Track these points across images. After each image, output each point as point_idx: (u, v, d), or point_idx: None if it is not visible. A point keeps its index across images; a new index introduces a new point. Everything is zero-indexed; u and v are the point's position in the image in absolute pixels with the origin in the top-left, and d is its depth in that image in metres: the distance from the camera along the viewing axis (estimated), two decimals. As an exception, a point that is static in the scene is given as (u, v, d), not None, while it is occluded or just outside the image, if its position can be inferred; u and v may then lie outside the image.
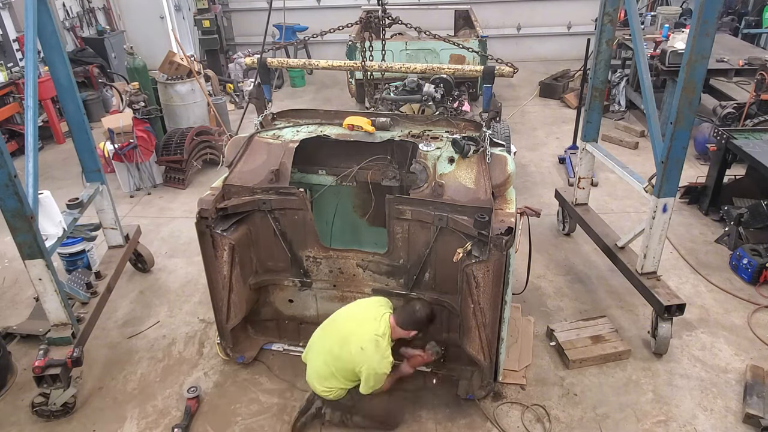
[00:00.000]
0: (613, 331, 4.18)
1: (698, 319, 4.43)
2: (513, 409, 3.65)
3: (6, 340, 4.23)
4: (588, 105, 4.92)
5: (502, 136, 5.71)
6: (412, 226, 3.47)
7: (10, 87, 7.72)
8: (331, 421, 3.49)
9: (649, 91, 3.95)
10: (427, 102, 5.59)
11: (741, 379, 3.83)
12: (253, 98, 4.06)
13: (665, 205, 3.86)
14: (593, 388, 3.81)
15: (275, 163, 3.64)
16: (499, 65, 3.72)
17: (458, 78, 6.30)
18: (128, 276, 5.10)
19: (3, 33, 8.21)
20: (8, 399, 3.84)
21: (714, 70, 7.08)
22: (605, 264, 4.93)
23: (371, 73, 4.91)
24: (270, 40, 10.73)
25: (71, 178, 7.12)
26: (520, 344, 4.13)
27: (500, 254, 3.14)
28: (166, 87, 7.43)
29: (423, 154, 3.53)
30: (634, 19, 4.06)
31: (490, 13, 11.77)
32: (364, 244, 4.52)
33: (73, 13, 10.32)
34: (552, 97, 9.78)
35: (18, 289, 5.03)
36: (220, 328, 3.94)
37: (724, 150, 5.61)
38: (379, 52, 5.00)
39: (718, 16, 3.26)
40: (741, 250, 4.90)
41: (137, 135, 6.51)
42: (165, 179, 6.99)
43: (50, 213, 3.75)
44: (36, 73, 3.46)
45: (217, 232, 3.57)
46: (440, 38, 4.30)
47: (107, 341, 4.35)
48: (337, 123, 3.91)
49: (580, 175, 5.12)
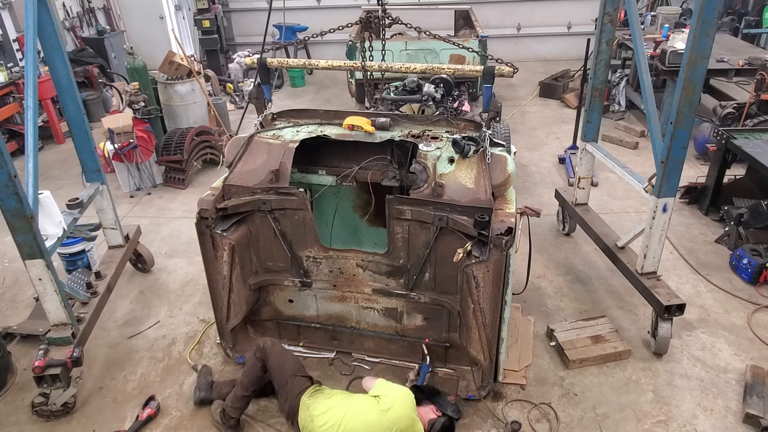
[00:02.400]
0: (613, 331, 4.18)
1: (698, 319, 4.43)
2: (513, 409, 3.65)
3: (6, 340, 4.24)
4: (588, 105, 4.92)
5: (502, 136, 5.71)
6: (412, 226, 3.47)
7: (10, 87, 7.71)
8: None
9: (649, 91, 3.95)
10: (427, 102, 5.60)
11: (741, 379, 3.83)
12: (253, 98, 4.06)
13: (665, 205, 3.86)
14: (593, 388, 3.81)
15: (275, 163, 3.64)
16: (499, 65, 3.72)
17: (458, 78, 6.30)
18: (128, 276, 5.10)
19: (3, 33, 8.21)
20: (8, 399, 3.84)
21: (714, 70, 7.08)
22: (605, 264, 4.93)
23: (371, 73, 4.91)
24: (270, 40, 10.74)
25: (71, 178, 7.12)
26: (520, 344, 4.14)
27: (500, 254, 3.14)
28: (166, 87, 7.43)
29: (423, 154, 3.53)
30: (634, 19, 4.06)
31: (490, 13, 11.77)
32: (364, 244, 4.52)
33: (73, 13, 10.32)
34: (552, 97, 9.78)
35: (18, 289, 5.03)
36: (220, 328, 3.95)
37: (724, 150, 5.61)
38: (379, 52, 5.00)
39: (718, 16, 3.26)
40: (741, 250, 4.90)
41: (137, 135, 6.51)
42: (165, 179, 6.99)
43: (50, 213, 3.75)
44: (36, 73, 3.46)
45: (217, 232, 3.57)
46: (440, 38, 4.30)
47: (107, 341, 4.35)
48: (337, 123, 3.91)
49: (580, 175, 5.12)
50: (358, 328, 3.99)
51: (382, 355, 4.05)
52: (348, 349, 4.09)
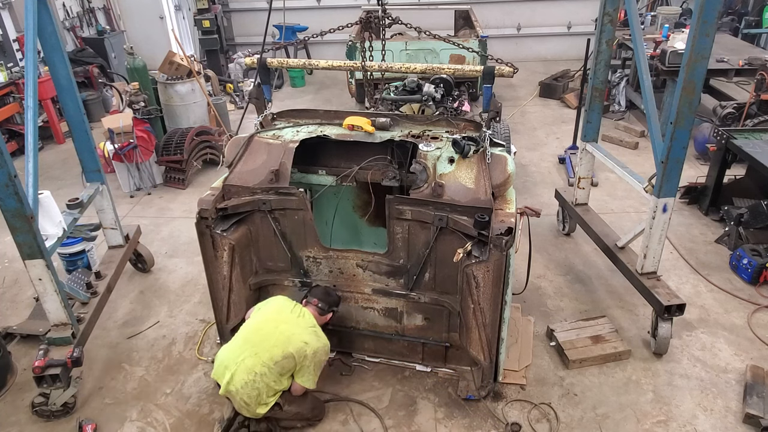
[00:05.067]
0: (613, 331, 4.18)
1: (698, 319, 4.43)
2: (513, 409, 3.65)
3: (6, 340, 4.24)
4: (588, 105, 4.92)
5: (502, 136, 5.71)
6: (412, 226, 3.47)
7: (10, 87, 7.71)
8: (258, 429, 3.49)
9: (649, 91, 3.95)
10: (427, 102, 5.59)
11: (741, 379, 3.83)
12: (253, 98, 4.06)
13: (665, 205, 3.86)
14: (593, 388, 3.81)
15: (275, 163, 3.64)
16: (499, 65, 3.73)
17: (458, 78, 6.30)
18: (128, 276, 5.10)
19: (3, 33, 8.21)
20: (8, 399, 3.84)
21: (714, 70, 7.08)
22: (605, 264, 4.93)
23: (371, 73, 4.91)
24: (270, 40, 10.73)
25: (71, 178, 7.12)
26: (520, 344, 4.13)
27: (500, 254, 3.14)
28: (166, 87, 7.43)
29: (423, 154, 3.53)
30: (634, 19, 4.06)
31: (490, 13, 11.77)
32: (364, 244, 4.52)
33: (73, 13, 10.32)
34: (552, 97, 9.78)
35: (18, 289, 5.03)
36: (220, 328, 3.94)
37: (724, 150, 5.61)
38: (379, 52, 5.01)
39: (718, 16, 3.26)
40: (741, 250, 4.90)
41: (137, 135, 6.51)
42: (165, 179, 6.99)
43: (50, 213, 3.75)
44: (36, 73, 3.46)
45: (217, 232, 3.56)
46: (440, 38, 4.30)
47: (107, 341, 4.35)
48: (337, 123, 3.91)
49: (580, 175, 5.12)
50: (358, 328, 3.99)
51: (382, 355, 4.04)
52: (348, 349, 4.09)
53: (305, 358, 3.26)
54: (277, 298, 3.61)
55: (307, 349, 3.26)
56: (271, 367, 3.21)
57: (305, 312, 3.47)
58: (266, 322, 3.42)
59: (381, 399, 3.74)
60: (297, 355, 3.24)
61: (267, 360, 3.21)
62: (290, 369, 3.28)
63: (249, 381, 3.19)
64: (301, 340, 3.28)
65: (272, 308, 3.51)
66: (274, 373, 3.23)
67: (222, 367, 3.29)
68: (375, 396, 3.77)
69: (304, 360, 3.27)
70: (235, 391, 3.20)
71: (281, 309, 3.47)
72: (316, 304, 3.54)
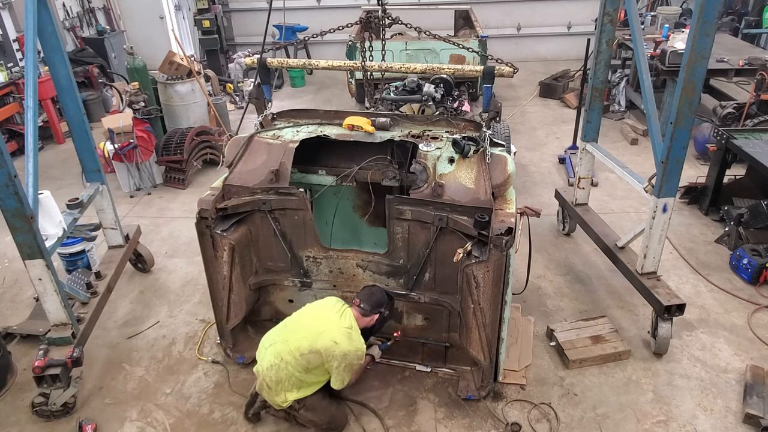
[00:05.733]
0: (613, 331, 4.18)
1: (698, 319, 4.43)
2: (513, 409, 3.65)
3: (6, 340, 4.24)
4: (588, 105, 4.92)
5: (502, 136, 5.71)
6: (412, 226, 3.47)
7: (10, 87, 7.72)
8: (276, 415, 3.59)
9: (649, 91, 3.95)
10: (427, 102, 5.60)
11: (741, 379, 3.83)
12: (253, 98, 4.06)
13: (665, 205, 3.86)
14: (593, 388, 3.81)
15: (275, 163, 3.64)
16: (499, 65, 3.73)
17: (458, 78, 6.30)
18: (128, 276, 5.10)
19: (3, 33, 8.21)
20: (8, 399, 3.84)
21: (714, 70, 7.08)
22: (605, 264, 4.93)
23: (371, 73, 4.91)
24: (270, 40, 10.74)
25: (71, 178, 7.12)
26: (520, 344, 4.13)
27: (500, 254, 3.15)
28: (166, 87, 7.43)
29: (423, 154, 3.53)
30: (634, 19, 4.06)
31: (490, 13, 11.77)
32: (364, 244, 4.52)
33: (73, 13, 10.32)
34: (552, 97, 9.78)
35: (18, 289, 5.03)
36: (220, 328, 3.94)
37: (724, 150, 5.61)
38: (379, 52, 5.00)
39: (718, 16, 3.26)
40: (741, 250, 4.90)
41: (137, 135, 6.51)
42: (165, 179, 6.99)
43: (50, 213, 3.75)
44: (36, 73, 3.46)
45: (217, 232, 3.57)
46: (440, 38, 4.31)
47: (107, 341, 4.35)
48: (337, 123, 3.91)
49: (580, 175, 5.12)
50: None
51: (381, 355, 4.04)
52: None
53: (333, 357, 3.20)
54: (331, 297, 3.58)
55: (335, 349, 3.18)
56: (297, 357, 3.22)
57: (348, 313, 3.37)
58: (307, 314, 3.45)
59: (381, 399, 3.74)
60: (324, 352, 3.19)
61: (294, 349, 3.23)
62: (317, 365, 3.24)
63: (274, 364, 3.25)
64: (332, 339, 3.21)
65: (320, 303, 3.50)
66: (300, 364, 3.22)
67: (262, 346, 3.43)
68: (375, 396, 3.77)
69: (332, 360, 3.21)
70: (262, 370, 3.32)
71: (326, 306, 3.44)
72: (358, 304, 3.42)
